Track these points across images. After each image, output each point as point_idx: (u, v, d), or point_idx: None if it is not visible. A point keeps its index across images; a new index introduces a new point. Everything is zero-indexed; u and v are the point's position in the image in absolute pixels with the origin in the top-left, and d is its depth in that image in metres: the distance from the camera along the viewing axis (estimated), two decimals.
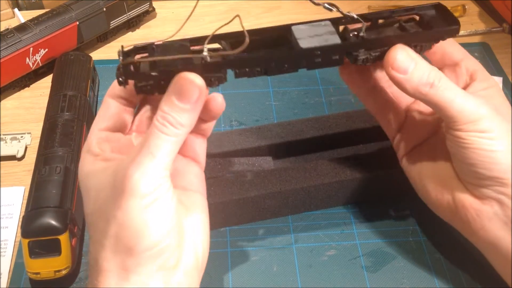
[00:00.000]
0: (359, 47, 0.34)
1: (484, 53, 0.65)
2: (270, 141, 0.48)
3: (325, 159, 0.46)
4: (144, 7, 0.67)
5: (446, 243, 0.45)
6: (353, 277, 0.43)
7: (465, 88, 0.37)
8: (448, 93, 0.34)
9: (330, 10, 0.33)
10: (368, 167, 0.45)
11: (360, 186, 0.46)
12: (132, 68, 0.31)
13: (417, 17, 0.35)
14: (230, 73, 0.33)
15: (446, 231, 0.43)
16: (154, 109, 0.35)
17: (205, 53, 0.30)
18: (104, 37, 0.65)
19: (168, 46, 0.31)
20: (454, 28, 0.35)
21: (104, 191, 0.31)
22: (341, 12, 0.33)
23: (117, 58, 0.31)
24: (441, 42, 0.36)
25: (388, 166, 0.45)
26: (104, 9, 0.62)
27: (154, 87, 0.31)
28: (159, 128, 0.29)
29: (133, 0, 0.65)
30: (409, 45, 0.34)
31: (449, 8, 0.71)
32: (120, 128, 0.34)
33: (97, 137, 0.33)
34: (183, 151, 0.36)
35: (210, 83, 0.32)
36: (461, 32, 0.68)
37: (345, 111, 0.51)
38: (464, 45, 0.65)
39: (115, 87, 0.34)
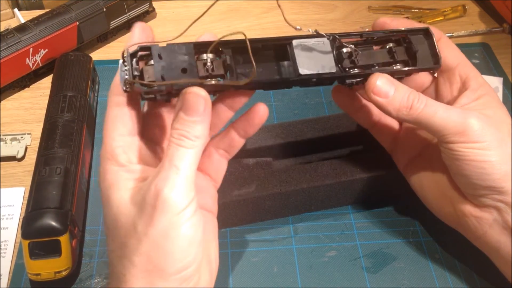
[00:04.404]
0: (350, 78, 0.36)
1: (484, 53, 0.65)
2: (271, 141, 0.48)
3: (325, 160, 0.46)
4: (144, 7, 0.67)
5: (447, 243, 0.45)
6: (353, 278, 0.43)
7: (458, 97, 0.37)
8: (428, 109, 0.35)
9: (330, 38, 0.35)
10: (369, 168, 0.45)
11: (361, 187, 0.46)
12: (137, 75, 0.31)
13: (408, 42, 0.37)
14: None
15: (447, 231, 0.43)
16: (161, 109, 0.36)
17: (213, 82, 0.32)
18: (104, 37, 0.65)
19: (173, 51, 0.32)
20: (435, 67, 0.38)
21: (129, 207, 0.30)
22: (340, 42, 0.35)
23: (117, 59, 0.31)
24: (438, 45, 0.38)
25: (389, 167, 0.45)
26: (104, 9, 0.62)
27: (160, 98, 0.33)
28: (176, 142, 0.30)
29: (133, 0, 0.65)
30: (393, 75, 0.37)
31: (449, 9, 0.71)
32: (136, 129, 0.33)
33: (121, 145, 0.32)
34: (205, 168, 0.38)
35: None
36: (461, 32, 0.68)
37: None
38: (464, 45, 0.66)
39: (118, 85, 0.33)
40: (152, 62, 0.31)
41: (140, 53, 0.32)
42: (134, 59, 0.31)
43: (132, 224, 0.30)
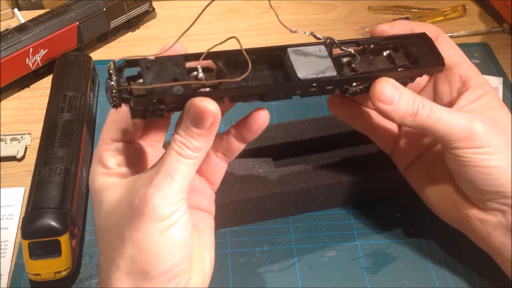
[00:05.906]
0: (352, 82, 0.34)
1: (484, 53, 0.65)
2: (270, 142, 0.48)
3: (325, 160, 0.46)
4: (144, 7, 0.67)
5: (447, 243, 0.45)
6: (353, 278, 0.43)
7: (458, 97, 0.37)
8: (433, 115, 0.34)
9: (326, 42, 0.33)
10: (368, 168, 0.45)
11: (360, 187, 0.46)
12: (126, 91, 0.29)
13: (405, 47, 0.36)
14: None
15: (447, 232, 0.43)
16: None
17: (201, 75, 0.30)
18: (104, 37, 0.65)
19: (162, 63, 0.30)
20: (439, 68, 0.36)
21: (119, 207, 0.30)
22: (337, 45, 0.33)
23: (117, 59, 0.30)
24: (436, 43, 0.37)
25: (388, 167, 0.44)
26: (104, 9, 0.62)
27: (151, 112, 0.30)
28: (177, 150, 0.29)
29: (133, 0, 0.65)
30: (396, 79, 0.35)
31: (449, 9, 0.71)
32: (132, 136, 0.33)
33: (111, 149, 0.32)
34: (202, 170, 0.36)
35: None
36: (461, 32, 0.68)
37: None
38: (464, 45, 0.66)
39: None
40: (140, 81, 0.29)
41: (126, 68, 0.29)
42: (120, 75, 0.29)
43: (120, 226, 0.30)
